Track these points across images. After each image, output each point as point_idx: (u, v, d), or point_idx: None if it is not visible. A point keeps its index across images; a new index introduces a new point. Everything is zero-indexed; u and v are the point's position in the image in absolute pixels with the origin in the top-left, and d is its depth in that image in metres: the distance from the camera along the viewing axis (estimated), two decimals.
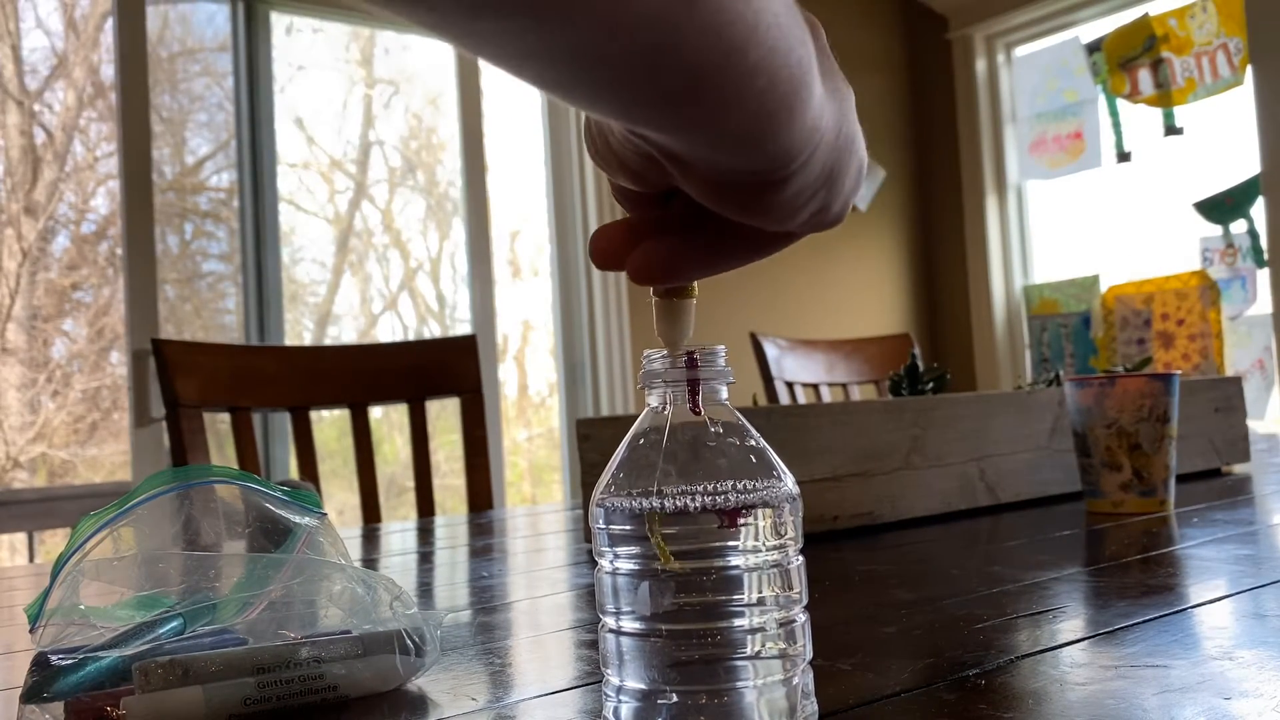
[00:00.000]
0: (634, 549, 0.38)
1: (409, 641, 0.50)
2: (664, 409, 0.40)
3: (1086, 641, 0.52)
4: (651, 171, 0.35)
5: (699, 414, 0.39)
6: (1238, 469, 1.35)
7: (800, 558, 0.39)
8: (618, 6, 0.25)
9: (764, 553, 0.38)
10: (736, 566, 0.37)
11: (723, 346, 0.40)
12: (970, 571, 0.75)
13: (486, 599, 0.77)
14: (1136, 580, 0.68)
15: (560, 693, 0.49)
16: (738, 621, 0.37)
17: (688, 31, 0.27)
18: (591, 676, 0.51)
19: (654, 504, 0.37)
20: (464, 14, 0.25)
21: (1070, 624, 0.57)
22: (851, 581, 0.74)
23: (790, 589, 0.38)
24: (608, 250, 0.38)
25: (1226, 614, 0.57)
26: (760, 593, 0.38)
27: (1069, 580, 0.70)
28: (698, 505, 0.37)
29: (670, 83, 0.28)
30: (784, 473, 0.39)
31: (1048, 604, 0.62)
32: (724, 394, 0.40)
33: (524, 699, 0.49)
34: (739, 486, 0.38)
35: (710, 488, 0.38)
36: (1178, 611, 0.58)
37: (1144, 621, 0.55)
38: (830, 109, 0.35)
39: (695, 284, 0.39)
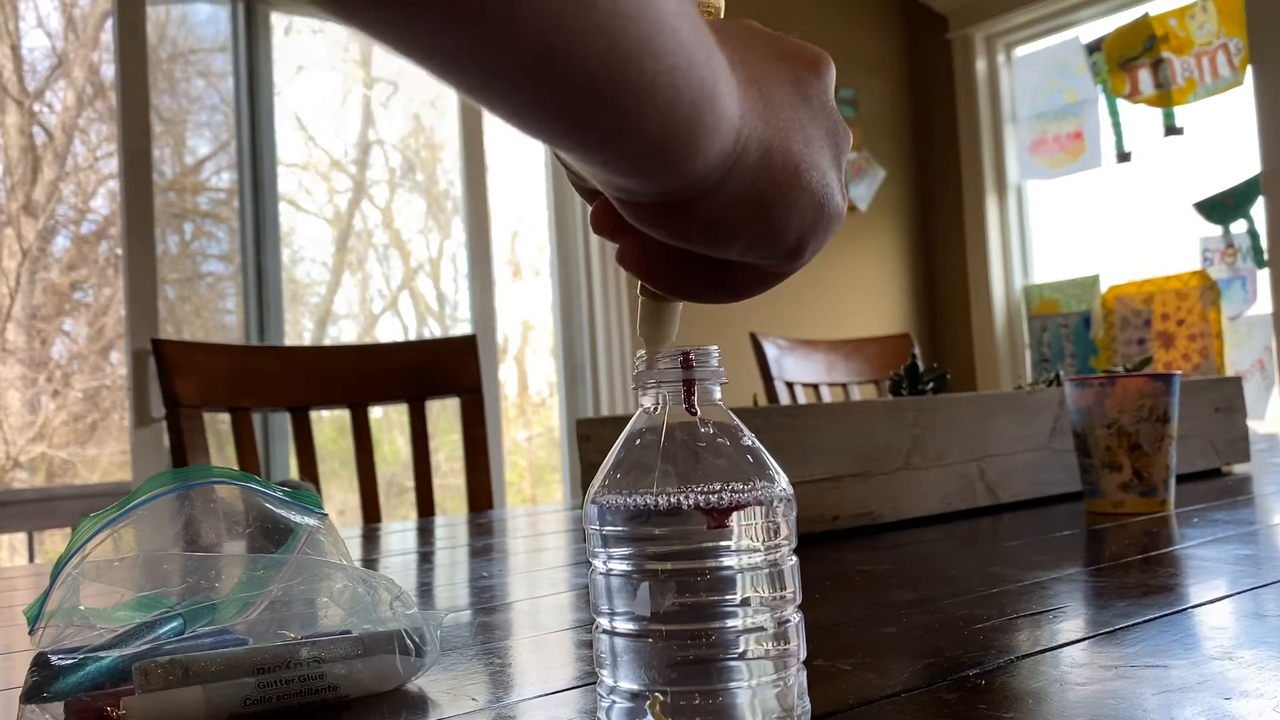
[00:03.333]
0: (628, 550, 0.38)
1: (409, 641, 0.50)
2: (657, 409, 0.39)
3: (1086, 641, 0.52)
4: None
5: (695, 414, 0.39)
6: (1238, 469, 1.35)
7: (794, 558, 0.39)
8: (507, 13, 0.25)
9: (758, 553, 0.38)
10: (730, 567, 0.37)
11: (715, 346, 0.40)
12: (970, 571, 0.75)
13: (486, 599, 0.77)
14: (1136, 580, 0.68)
15: (560, 693, 0.49)
16: (731, 622, 0.37)
17: (580, 40, 0.26)
18: (591, 676, 0.51)
19: (648, 501, 0.37)
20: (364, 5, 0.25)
21: (1070, 624, 0.57)
22: (851, 581, 0.74)
23: (783, 589, 0.38)
24: (603, 229, 0.37)
25: (1226, 614, 0.57)
26: (754, 593, 0.37)
27: (1069, 580, 0.70)
28: (691, 505, 0.37)
29: (563, 94, 0.28)
30: (778, 472, 0.39)
31: (1048, 604, 0.62)
32: (717, 394, 0.40)
33: (524, 699, 0.49)
34: (732, 487, 0.38)
35: (704, 488, 0.37)
36: (1178, 611, 0.58)
37: (1144, 621, 0.55)
38: (758, 133, 0.33)
39: None
